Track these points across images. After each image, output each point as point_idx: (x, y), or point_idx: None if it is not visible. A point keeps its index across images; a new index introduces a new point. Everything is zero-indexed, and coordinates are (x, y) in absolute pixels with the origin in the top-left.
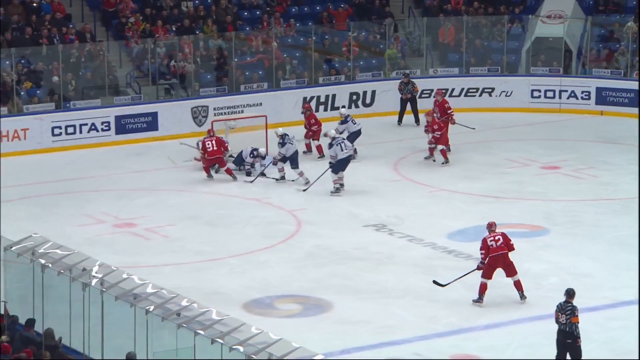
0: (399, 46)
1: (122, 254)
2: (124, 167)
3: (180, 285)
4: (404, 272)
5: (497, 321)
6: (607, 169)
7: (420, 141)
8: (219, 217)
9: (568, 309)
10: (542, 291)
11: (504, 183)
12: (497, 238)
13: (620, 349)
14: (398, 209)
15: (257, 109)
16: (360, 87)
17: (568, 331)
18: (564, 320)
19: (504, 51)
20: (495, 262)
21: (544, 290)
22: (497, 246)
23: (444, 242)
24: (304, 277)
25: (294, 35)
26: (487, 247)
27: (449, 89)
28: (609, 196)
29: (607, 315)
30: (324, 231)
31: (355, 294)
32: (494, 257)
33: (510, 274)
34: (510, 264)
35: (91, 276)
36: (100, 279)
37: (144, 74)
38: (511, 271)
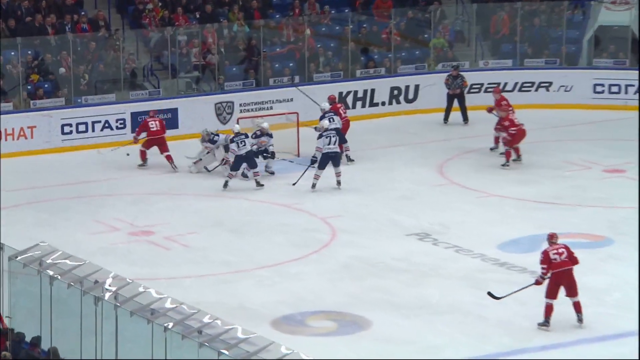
0: (446, 35)
1: (138, 264)
2: (141, 169)
3: (202, 299)
4: (450, 286)
5: (555, 342)
6: None
7: (468, 141)
8: (246, 224)
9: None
10: (604, 308)
11: (562, 188)
12: (561, 251)
13: None
14: (443, 216)
15: (287, 105)
16: (402, 81)
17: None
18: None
19: (563, 41)
20: (560, 278)
21: (607, 307)
22: (561, 260)
23: (494, 253)
24: (339, 291)
25: (328, 24)
26: (549, 260)
27: (501, 83)
28: None
29: None
30: (361, 240)
31: (397, 310)
32: (558, 273)
33: (572, 293)
34: (573, 283)
35: (104, 289)
36: (114, 292)
37: (162, 66)
38: (573, 291)
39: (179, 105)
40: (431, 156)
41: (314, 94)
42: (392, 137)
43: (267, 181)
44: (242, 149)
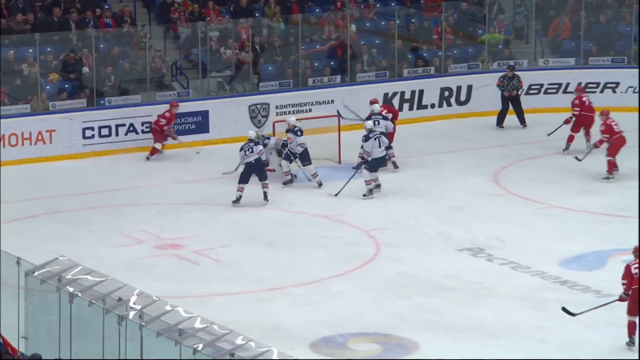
0: (502, 31)
1: (165, 281)
2: (168, 176)
3: (234, 319)
4: (507, 307)
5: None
6: None
7: (526, 147)
8: (282, 237)
9: None
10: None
11: (631, 198)
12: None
13: None
14: (499, 230)
15: (328, 108)
16: (453, 82)
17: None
18: None
19: (632, 37)
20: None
21: None
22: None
23: (556, 270)
24: (384, 311)
25: (373, 19)
26: (630, 275)
27: (563, 83)
28: None
29: None
30: (408, 255)
31: (448, 332)
32: (637, 290)
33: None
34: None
35: (128, 307)
36: (139, 311)
37: (192, 64)
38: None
39: (210, 107)
40: (486, 163)
41: (357, 96)
42: (443, 143)
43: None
44: (250, 156)
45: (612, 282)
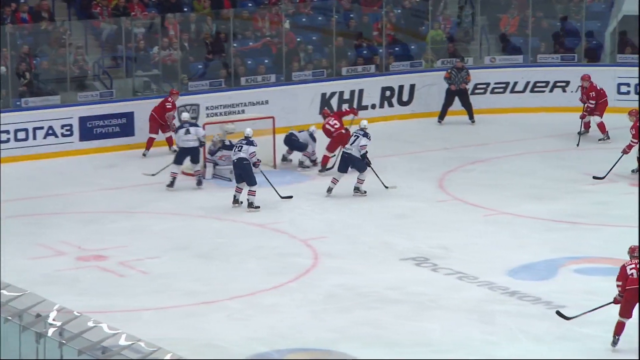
0: (447, 28)
1: (88, 295)
2: (91, 183)
3: (164, 335)
4: (454, 320)
5: None
6: None
7: (474, 150)
8: (215, 248)
9: None
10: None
11: (582, 204)
12: (638, 265)
13: None
14: (445, 238)
15: (262, 109)
16: (395, 81)
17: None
18: None
19: (582, 34)
20: (635, 296)
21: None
22: (636, 277)
23: (504, 280)
24: (323, 326)
25: (310, 14)
26: (626, 276)
27: (510, 82)
28: None
29: None
30: (349, 266)
31: (390, 348)
32: (633, 290)
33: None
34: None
35: (48, 324)
36: (60, 327)
37: (116, 63)
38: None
39: (135, 109)
40: (430, 168)
41: (294, 96)
42: (384, 146)
43: None
44: (237, 154)
45: (564, 293)
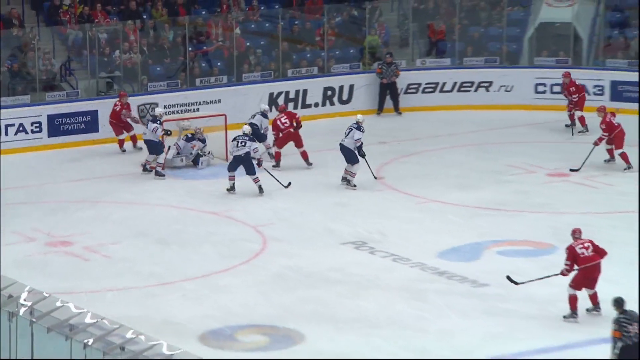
0: (382, 33)
1: (56, 277)
2: (58, 175)
3: (125, 314)
4: (389, 298)
5: (498, 354)
6: (624, 176)
7: (407, 144)
8: (172, 234)
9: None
10: (549, 320)
11: (504, 193)
12: (587, 245)
13: None
14: (381, 224)
15: (215, 107)
16: (336, 81)
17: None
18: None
19: (503, 39)
20: (592, 272)
21: (552, 320)
22: (589, 255)
23: (434, 262)
24: (270, 304)
25: (258, 21)
26: (576, 256)
27: (439, 83)
28: (627, 208)
29: None
30: (294, 250)
31: (332, 323)
32: (589, 268)
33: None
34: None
35: (19, 304)
36: (30, 307)
37: (81, 65)
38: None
39: (99, 107)
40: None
41: (243, 95)
42: (327, 140)
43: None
44: (240, 149)
45: (487, 273)
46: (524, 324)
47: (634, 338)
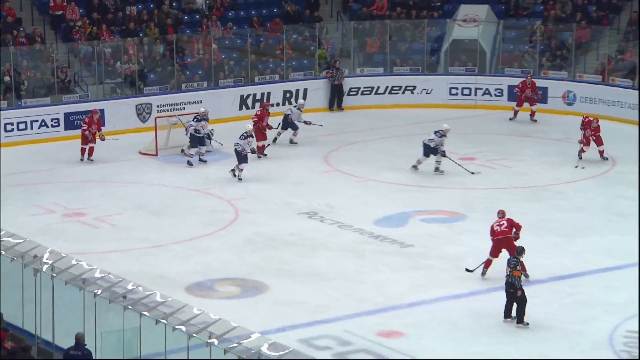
0: (329, 48)
1: (71, 241)
2: (73, 160)
3: (126, 270)
4: (335, 257)
5: (421, 300)
6: (519, 159)
7: (349, 135)
8: (164, 207)
9: (513, 263)
10: (460, 272)
11: (426, 173)
12: (502, 223)
13: (532, 325)
14: (329, 198)
15: (197, 106)
16: (293, 86)
17: (510, 282)
18: (508, 272)
19: (424, 52)
20: (500, 243)
21: (462, 271)
22: (501, 230)
23: (371, 228)
24: (242, 262)
25: (231, 38)
26: (493, 232)
27: (374, 87)
28: (521, 184)
29: None
30: (261, 219)
31: (291, 277)
32: (499, 239)
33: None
34: (513, 247)
35: (42, 262)
36: (51, 265)
37: (90, 74)
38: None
39: (105, 107)
40: (319, 148)
41: (220, 97)
42: (286, 133)
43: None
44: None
45: (412, 236)
46: (441, 276)
47: (508, 278)
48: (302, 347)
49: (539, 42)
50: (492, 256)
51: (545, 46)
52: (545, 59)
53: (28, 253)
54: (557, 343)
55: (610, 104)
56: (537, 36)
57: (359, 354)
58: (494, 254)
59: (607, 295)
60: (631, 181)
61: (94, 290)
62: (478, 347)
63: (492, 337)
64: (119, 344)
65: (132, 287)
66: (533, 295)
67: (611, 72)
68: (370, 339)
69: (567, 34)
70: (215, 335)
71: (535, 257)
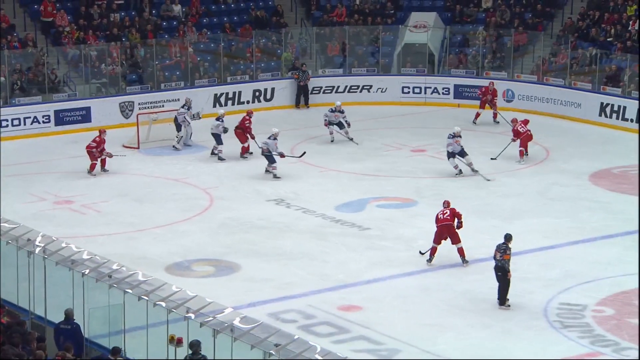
0: (293, 51)
1: (61, 226)
2: (63, 153)
3: (112, 252)
4: (300, 239)
5: (377, 277)
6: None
7: (311, 130)
8: (146, 195)
9: (502, 248)
10: (412, 252)
11: (381, 163)
12: (445, 211)
13: (475, 298)
14: (295, 186)
15: (175, 104)
16: (261, 85)
17: (500, 266)
18: (498, 257)
19: (379, 55)
20: (442, 231)
21: (414, 251)
22: (444, 218)
23: (332, 213)
24: (217, 244)
25: (205, 42)
26: (437, 219)
27: (335, 86)
28: (466, 174)
29: (464, 270)
30: (233, 205)
31: (260, 257)
32: (441, 227)
33: (454, 241)
34: (454, 234)
35: (35, 245)
36: (43, 247)
37: (78, 75)
38: (455, 239)
39: (92, 105)
40: (286, 141)
41: (195, 95)
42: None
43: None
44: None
45: (370, 220)
46: (395, 256)
47: (498, 262)
48: (271, 321)
49: (481, 46)
50: (436, 243)
51: (487, 49)
52: (487, 61)
53: (22, 237)
54: (497, 314)
55: (545, 101)
56: (480, 40)
57: (322, 326)
58: (437, 240)
59: (542, 272)
60: (563, 170)
61: (82, 270)
62: (428, 319)
63: (441, 310)
64: (105, 318)
65: (117, 267)
66: (476, 272)
67: (545, 72)
68: (332, 312)
69: (507, 39)
70: (192, 311)
71: (478, 238)
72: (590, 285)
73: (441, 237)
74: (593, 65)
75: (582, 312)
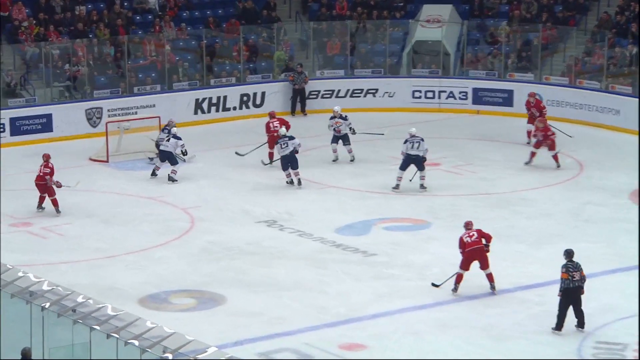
0: (287, 49)
1: (18, 252)
2: (20, 167)
3: (76, 282)
4: (295, 266)
5: (384, 310)
6: (484, 165)
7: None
8: (115, 215)
9: (578, 265)
10: (426, 281)
11: (388, 179)
12: (472, 234)
13: (499, 336)
14: (289, 205)
15: (150, 110)
16: (250, 89)
17: (579, 286)
18: (578, 277)
19: (386, 54)
20: (472, 255)
21: (427, 281)
22: (472, 241)
23: (332, 236)
24: (198, 272)
25: (185, 39)
26: (463, 243)
27: (335, 90)
28: (486, 191)
29: (485, 303)
30: (217, 227)
31: (248, 288)
32: (470, 251)
33: (484, 267)
34: (485, 258)
35: None
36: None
37: (38, 77)
38: (484, 264)
39: (53, 111)
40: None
41: (174, 101)
42: (245, 137)
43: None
44: (285, 150)
45: (375, 244)
46: (405, 286)
47: (578, 282)
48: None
49: (504, 44)
50: (463, 269)
51: (511, 47)
52: (510, 61)
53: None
54: (525, 354)
55: (578, 107)
56: (503, 37)
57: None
58: (465, 266)
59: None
60: (599, 187)
61: (42, 304)
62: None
63: (459, 350)
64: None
65: (82, 300)
66: (499, 304)
67: (578, 74)
68: (332, 351)
69: (533, 35)
70: (170, 350)
71: (501, 266)
72: (631, 321)
73: (470, 262)
74: (633, 66)
75: (622, 352)
